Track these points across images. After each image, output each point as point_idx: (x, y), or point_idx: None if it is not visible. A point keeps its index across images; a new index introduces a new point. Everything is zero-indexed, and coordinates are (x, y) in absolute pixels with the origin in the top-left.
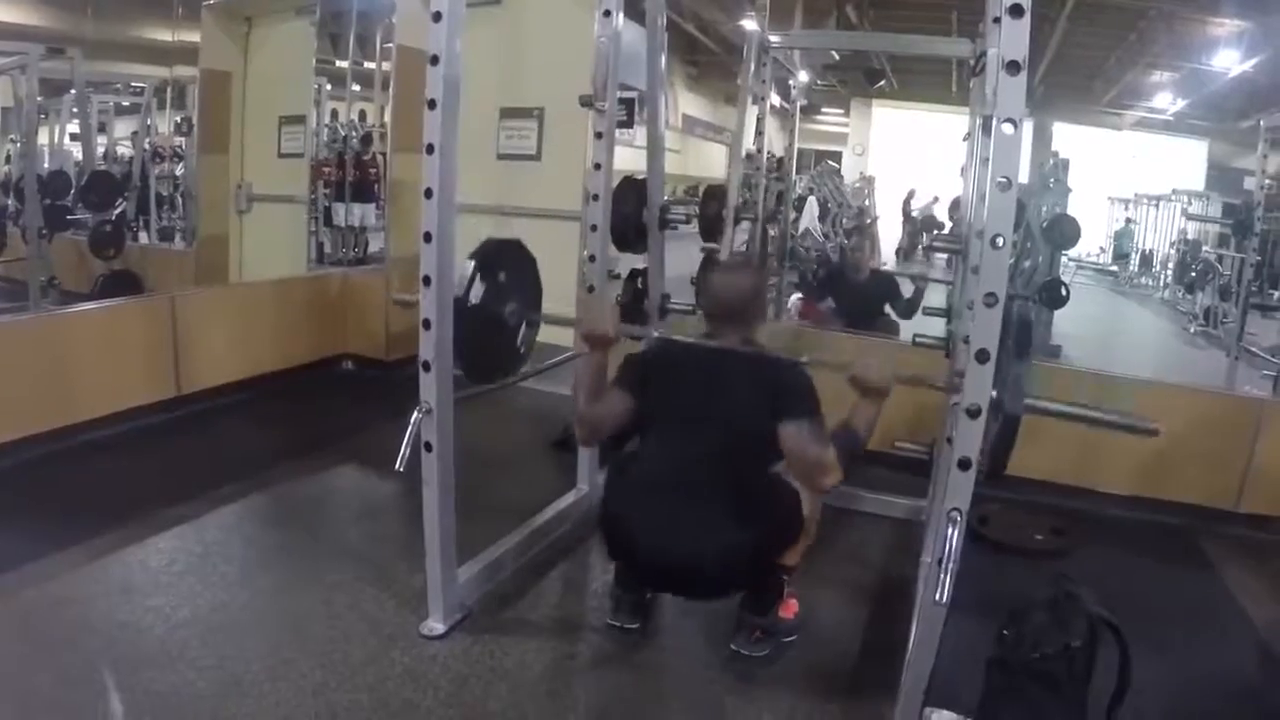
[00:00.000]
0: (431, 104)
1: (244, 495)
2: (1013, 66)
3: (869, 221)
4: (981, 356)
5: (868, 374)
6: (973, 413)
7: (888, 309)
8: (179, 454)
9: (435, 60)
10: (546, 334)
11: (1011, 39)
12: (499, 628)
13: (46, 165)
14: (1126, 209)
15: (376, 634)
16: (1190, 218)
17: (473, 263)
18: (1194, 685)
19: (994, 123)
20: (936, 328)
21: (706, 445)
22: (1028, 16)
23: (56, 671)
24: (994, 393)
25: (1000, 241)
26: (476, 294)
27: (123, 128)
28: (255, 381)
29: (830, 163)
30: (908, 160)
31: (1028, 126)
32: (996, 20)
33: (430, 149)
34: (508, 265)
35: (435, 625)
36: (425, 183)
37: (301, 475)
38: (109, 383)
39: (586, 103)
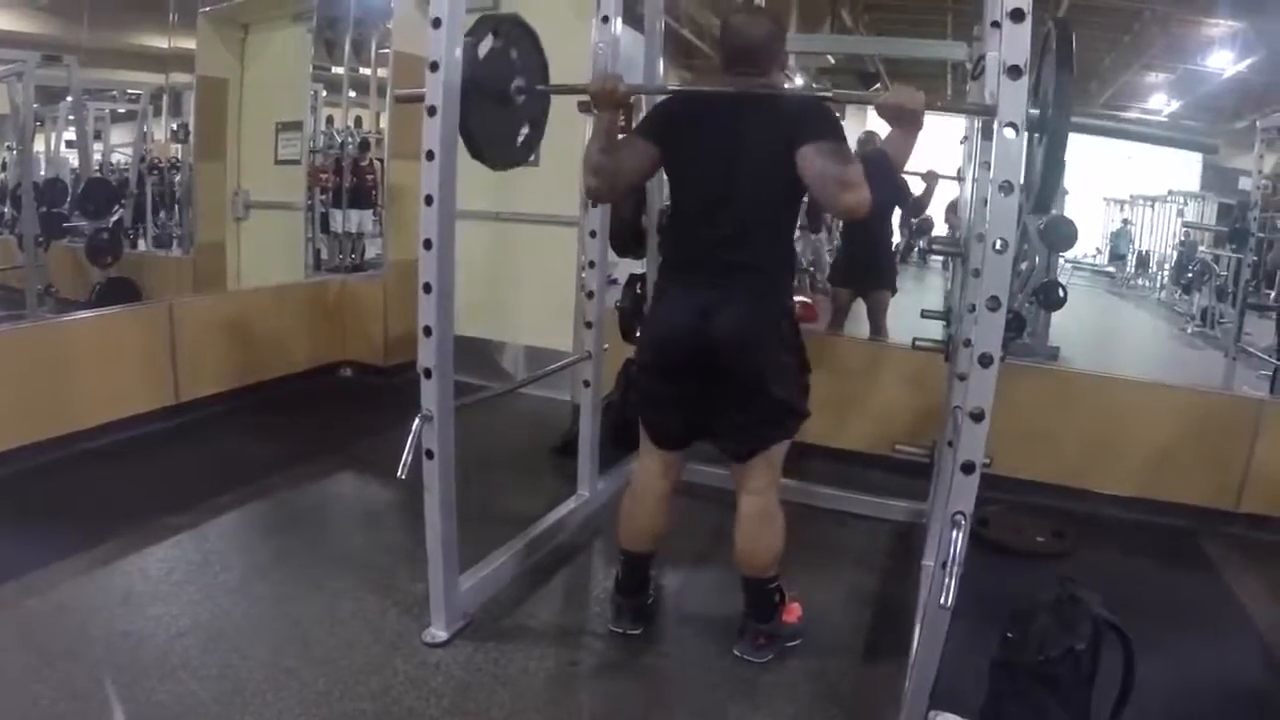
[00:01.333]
0: (431, 110)
1: (244, 503)
2: (1014, 71)
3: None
4: (985, 361)
5: (899, 98)
6: (976, 416)
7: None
8: (178, 462)
9: (435, 66)
10: (543, 339)
11: (1013, 43)
12: (501, 635)
13: (43, 172)
14: (1122, 210)
15: (378, 642)
16: (1187, 225)
17: (488, 25)
18: (1196, 686)
19: (995, 126)
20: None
21: (734, 210)
22: (1029, 21)
23: (57, 681)
24: (1034, 110)
25: (1002, 245)
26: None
27: (119, 135)
28: (254, 388)
29: None
30: None
31: None
32: (995, 24)
33: (430, 155)
34: (520, 44)
35: (437, 633)
36: (425, 189)
37: (301, 482)
38: (107, 390)
39: (585, 108)
